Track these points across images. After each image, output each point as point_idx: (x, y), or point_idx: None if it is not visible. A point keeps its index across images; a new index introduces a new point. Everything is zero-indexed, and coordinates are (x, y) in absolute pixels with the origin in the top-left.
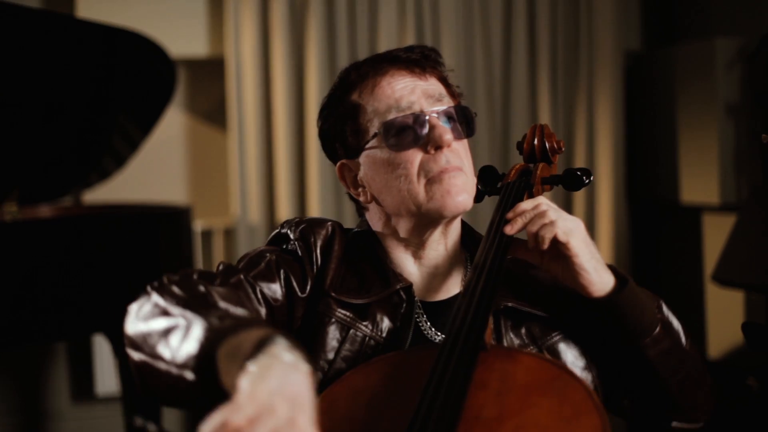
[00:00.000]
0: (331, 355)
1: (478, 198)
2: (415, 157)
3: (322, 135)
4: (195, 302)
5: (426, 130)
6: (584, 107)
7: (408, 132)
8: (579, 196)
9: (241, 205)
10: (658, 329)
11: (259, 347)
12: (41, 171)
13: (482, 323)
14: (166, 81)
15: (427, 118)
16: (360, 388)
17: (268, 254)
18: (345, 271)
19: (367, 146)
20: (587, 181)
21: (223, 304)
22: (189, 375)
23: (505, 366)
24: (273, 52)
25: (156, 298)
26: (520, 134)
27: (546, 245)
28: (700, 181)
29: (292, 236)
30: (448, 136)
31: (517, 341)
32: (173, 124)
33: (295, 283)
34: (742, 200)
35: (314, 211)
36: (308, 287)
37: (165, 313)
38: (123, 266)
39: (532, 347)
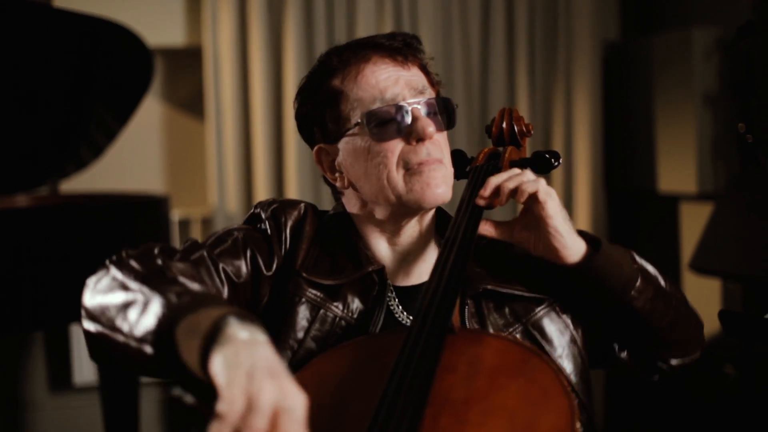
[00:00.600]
0: (300, 335)
1: None
2: (396, 147)
3: (300, 117)
4: (153, 277)
5: (409, 121)
6: (562, 96)
7: (391, 123)
8: (556, 184)
9: (219, 195)
10: (639, 281)
11: (216, 328)
12: (18, 160)
13: (449, 306)
14: (144, 70)
15: (410, 109)
16: (328, 373)
17: (236, 232)
18: (317, 252)
19: (348, 133)
20: (556, 163)
21: (181, 280)
22: (148, 349)
23: (473, 349)
24: (251, 41)
25: (114, 271)
26: None
27: (524, 197)
28: (677, 170)
29: (263, 215)
30: (431, 128)
31: (501, 321)
32: (150, 114)
33: (261, 261)
34: (719, 189)
35: None
36: (275, 266)
37: (123, 287)
38: (100, 256)
39: (517, 325)
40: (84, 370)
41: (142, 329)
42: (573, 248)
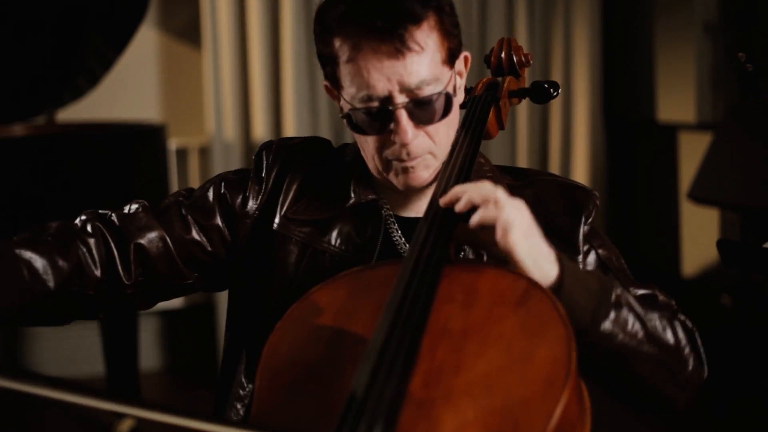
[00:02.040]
0: (290, 273)
1: None
2: (377, 141)
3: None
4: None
5: (391, 127)
6: (561, 26)
7: (372, 124)
8: (555, 115)
9: (216, 123)
10: (608, 326)
11: None
12: (14, 89)
13: (447, 236)
14: None
15: (395, 113)
16: (325, 304)
17: (219, 177)
18: (309, 188)
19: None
20: (554, 93)
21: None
22: None
23: (470, 279)
24: None
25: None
26: None
27: (478, 225)
28: (676, 100)
29: (254, 156)
30: (409, 136)
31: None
32: (147, 42)
33: (236, 202)
34: (718, 119)
35: (290, 127)
36: (253, 205)
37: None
38: (97, 185)
39: None
40: None
41: None
42: (539, 277)
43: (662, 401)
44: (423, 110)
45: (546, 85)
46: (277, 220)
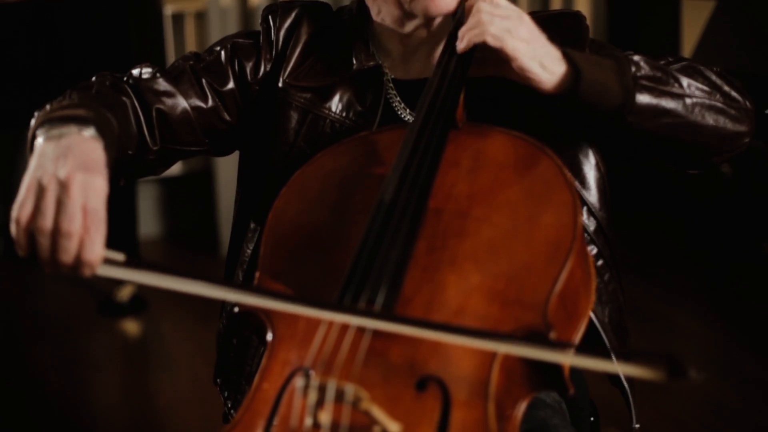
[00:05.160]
0: (291, 139)
1: None
2: None
3: None
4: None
5: None
6: None
7: None
8: None
9: None
10: (636, 101)
11: (50, 121)
12: None
13: (454, 99)
14: None
15: None
16: (331, 169)
17: (226, 42)
18: (312, 54)
19: None
20: None
21: (94, 92)
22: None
23: (477, 144)
24: None
25: None
26: None
27: (463, 47)
28: None
29: (261, 21)
30: None
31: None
32: None
33: (247, 69)
34: None
35: None
36: (262, 71)
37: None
38: (90, 50)
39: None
40: None
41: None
42: (548, 79)
43: (725, 141)
44: None
45: None
46: (280, 84)
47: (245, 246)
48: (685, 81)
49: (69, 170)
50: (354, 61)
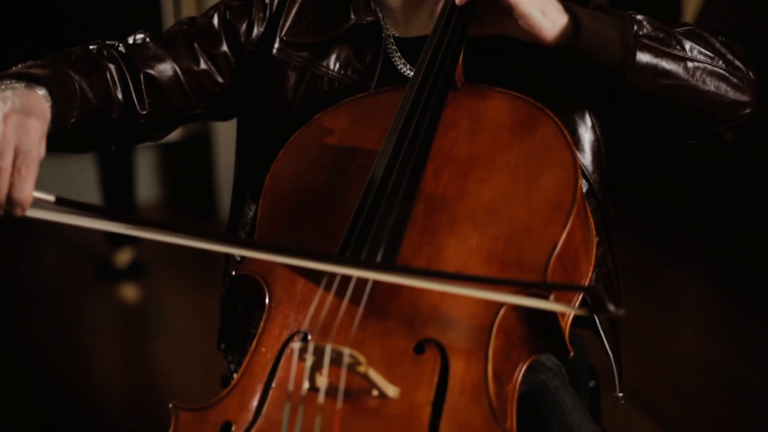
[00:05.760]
0: (290, 98)
1: None
2: None
3: None
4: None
5: None
6: None
7: None
8: None
9: None
10: (636, 59)
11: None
12: None
13: (453, 59)
14: None
15: None
16: (328, 131)
17: (221, 3)
18: (309, 11)
19: None
20: None
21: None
22: None
23: (476, 105)
24: None
25: None
26: None
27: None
28: None
29: None
30: None
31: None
32: None
33: (240, 30)
34: None
35: None
36: (256, 32)
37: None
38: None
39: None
40: None
41: None
42: (549, 27)
43: (725, 109)
44: None
45: None
46: (276, 44)
47: (246, 208)
48: (687, 44)
49: (5, 111)
50: (352, 16)
